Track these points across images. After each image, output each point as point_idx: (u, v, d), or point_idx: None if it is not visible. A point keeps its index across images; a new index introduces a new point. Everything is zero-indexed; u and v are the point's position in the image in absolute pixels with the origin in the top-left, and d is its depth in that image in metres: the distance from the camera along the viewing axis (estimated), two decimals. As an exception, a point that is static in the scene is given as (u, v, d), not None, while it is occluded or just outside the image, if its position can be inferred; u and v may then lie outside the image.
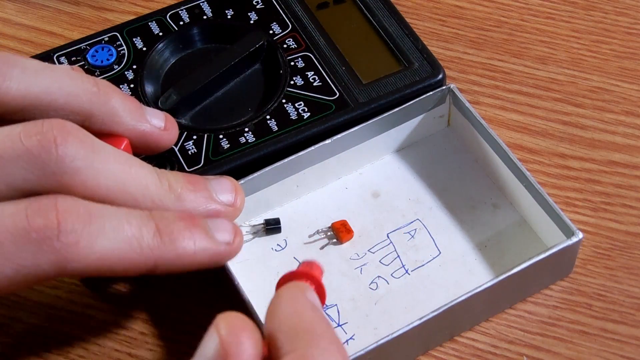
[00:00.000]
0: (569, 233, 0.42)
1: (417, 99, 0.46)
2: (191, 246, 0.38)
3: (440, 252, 0.44)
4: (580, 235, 0.42)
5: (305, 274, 0.37)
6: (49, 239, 0.35)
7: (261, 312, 0.42)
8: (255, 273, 0.44)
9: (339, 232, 0.45)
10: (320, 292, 0.37)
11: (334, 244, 0.45)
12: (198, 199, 0.40)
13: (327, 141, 0.45)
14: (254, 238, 0.45)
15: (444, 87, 0.47)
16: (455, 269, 0.44)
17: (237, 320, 0.33)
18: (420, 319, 0.40)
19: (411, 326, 0.39)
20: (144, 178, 0.39)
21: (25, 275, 0.36)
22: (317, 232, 0.45)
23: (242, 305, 0.41)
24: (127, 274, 0.38)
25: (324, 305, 0.38)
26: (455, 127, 0.48)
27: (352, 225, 0.45)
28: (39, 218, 0.35)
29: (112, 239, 0.37)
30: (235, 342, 0.32)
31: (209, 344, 0.32)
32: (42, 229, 0.35)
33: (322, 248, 0.45)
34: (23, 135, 0.37)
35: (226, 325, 0.32)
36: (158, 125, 0.43)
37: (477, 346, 0.42)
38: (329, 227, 0.45)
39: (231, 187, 0.41)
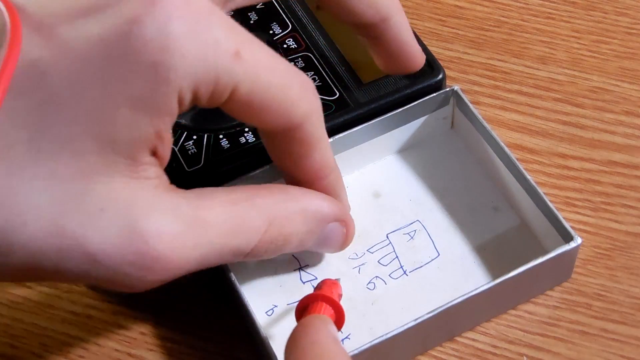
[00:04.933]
0: (567, 238, 0.42)
1: (421, 100, 0.46)
2: None
3: (439, 254, 0.44)
4: (579, 240, 0.41)
5: (325, 298, 0.38)
6: None
7: (258, 312, 0.42)
8: (253, 270, 0.44)
9: None
10: (339, 317, 0.38)
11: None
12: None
13: (329, 140, 0.45)
14: (254, 238, 0.45)
15: (448, 89, 0.47)
16: (454, 271, 0.44)
17: None
18: (415, 320, 0.39)
19: (406, 327, 0.39)
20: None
21: None
22: None
23: (240, 306, 0.41)
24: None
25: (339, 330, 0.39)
26: (459, 130, 0.48)
27: (352, 225, 0.45)
28: None
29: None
30: None
31: None
32: None
33: (321, 248, 0.45)
34: None
35: None
36: None
37: (477, 346, 0.43)
38: None
39: None
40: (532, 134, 0.49)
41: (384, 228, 0.45)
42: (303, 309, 0.38)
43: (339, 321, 0.39)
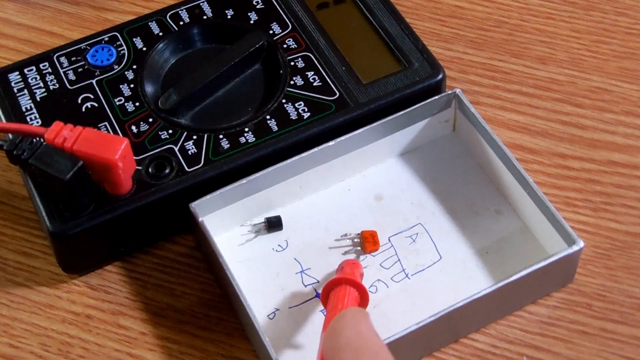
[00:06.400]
0: (570, 241, 0.42)
1: (423, 103, 0.46)
2: None
3: (441, 257, 0.44)
4: (582, 244, 0.41)
5: (348, 281, 0.39)
6: None
7: (259, 313, 0.42)
8: (255, 273, 0.44)
9: (366, 242, 0.44)
10: (364, 297, 0.40)
11: (339, 246, 0.45)
12: None
13: (331, 143, 0.45)
14: (256, 237, 0.45)
15: (449, 92, 0.46)
16: (456, 274, 0.44)
17: None
18: (417, 324, 0.39)
19: (407, 331, 0.39)
20: None
21: None
22: (344, 236, 0.45)
23: (241, 309, 0.41)
24: None
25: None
26: (461, 132, 0.48)
27: (353, 228, 0.45)
28: None
29: None
30: None
31: None
32: None
33: (325, 250, 0.45)
34: None
35: None
36: None
37: (477, 346, 0.42)
38: (358, 234, 0.45)
39: None
40: (532, 134, 0.49)
41: (386, 231, 0.45)
42: (328, 293, 0.39)
43: (364, 301, 0.40)
